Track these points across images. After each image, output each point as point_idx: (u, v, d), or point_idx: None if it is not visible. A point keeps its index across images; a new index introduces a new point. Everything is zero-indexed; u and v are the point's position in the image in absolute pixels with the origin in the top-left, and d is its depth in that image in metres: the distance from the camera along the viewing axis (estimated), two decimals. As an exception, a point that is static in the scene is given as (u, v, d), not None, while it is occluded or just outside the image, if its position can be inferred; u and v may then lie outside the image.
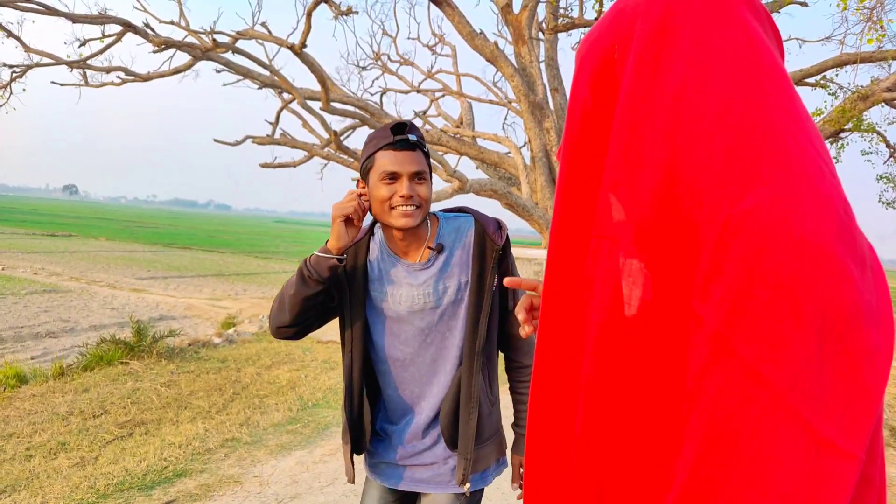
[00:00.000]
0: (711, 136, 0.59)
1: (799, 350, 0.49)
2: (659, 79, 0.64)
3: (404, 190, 1.31)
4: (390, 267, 1.43)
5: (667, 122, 0.63)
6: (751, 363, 0.50)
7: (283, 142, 9.73)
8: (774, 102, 0.58)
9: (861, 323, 0.49)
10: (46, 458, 3.39)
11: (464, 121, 9.84)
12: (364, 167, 1.39)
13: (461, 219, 1.49)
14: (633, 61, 0.67)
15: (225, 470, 3.39)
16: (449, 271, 1.42)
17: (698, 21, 0.63)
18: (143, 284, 12.58)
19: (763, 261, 0.51)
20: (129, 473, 3.24)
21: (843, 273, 0.49)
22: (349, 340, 1.44)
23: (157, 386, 4.91)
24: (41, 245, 20.55)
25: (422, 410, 1.46)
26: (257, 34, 8.26)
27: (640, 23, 0.67)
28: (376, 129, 1.39)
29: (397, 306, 1.41)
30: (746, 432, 0.50)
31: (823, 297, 0.49)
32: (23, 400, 4.42)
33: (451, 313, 1.43)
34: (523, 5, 6.36)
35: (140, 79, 9.01)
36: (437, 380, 1.45)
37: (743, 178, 0.56)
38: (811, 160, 0.56)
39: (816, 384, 0.48)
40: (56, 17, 7.35)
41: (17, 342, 6.61)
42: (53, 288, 10.86)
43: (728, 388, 0.51)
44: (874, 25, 5.97)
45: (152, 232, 38.01)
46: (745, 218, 0.54)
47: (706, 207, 0.58)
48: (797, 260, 0.50)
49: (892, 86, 6.16)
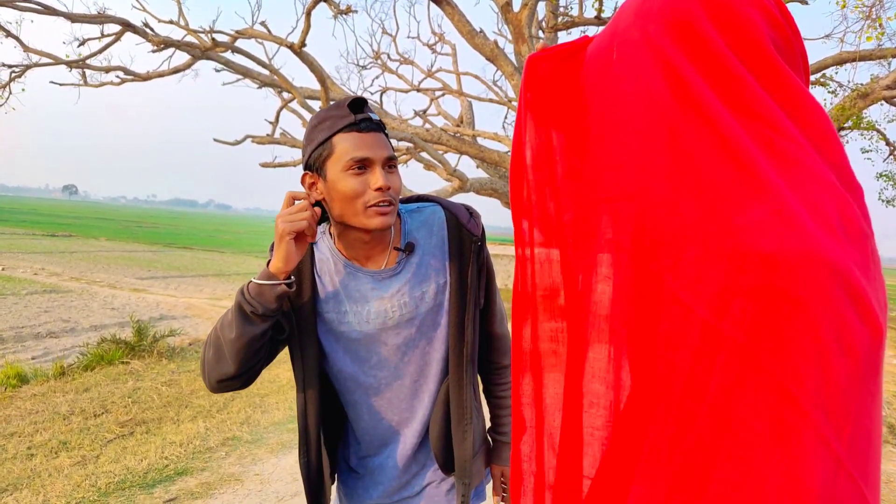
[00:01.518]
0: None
1: (824, 370, 0.52)
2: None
3: (380, 180, 1.05)
4: (350, 280, 1.16)
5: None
6: (780, 380, 0.53)
7: (283, 141, 9.72)
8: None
9: (880, 346, 0.54)
10: (48, 457, 3.40)
11: (464, 120, 9.83)
12: (316, 156, 1.08)
13: (427, 210, 1.24)
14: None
15: (226, 468, 3.39)
16: (424, 274, 1.18)
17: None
18: (143, 284, 12.59)
19: (781, 279, 0.54)
20: (131, 472, 3.25)
21: (863, 298, 0.53)
22: (300, 378, 1.17)
23: (157, 385, 4.92)
24: (41, 245, 20.56)
25: (405, 438, 1.24)
26: (257, 33, 8.25)
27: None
28: (324, 109, 1.11)
29: (364, 326, 1.16)
30: (778, 450, 0.53)
31: (845, 319, 0.53)
32: (24, 399, 4.43)
33: (431, 322, 1.20)
34: (523, 4, 6.36)
35: (139, 78, 9.00)
36: (419, 402, 1.23)
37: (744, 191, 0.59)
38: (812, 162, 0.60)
39: (834, 405, 0.52)
40: (55, 17, 7.34)
41: (18, 342, 6.62)
42: (54, 288, 10.86)
43: (760, 404, 0.55)
44: (873, 23, 5.97)
45: (152, 232, 38.02)
46: (754, 231, 0.57)
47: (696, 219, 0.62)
48: (816, 279, 0.53)
49: (891, 84, 6.16)
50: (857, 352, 0.52)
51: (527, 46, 6.23)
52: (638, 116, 0.69)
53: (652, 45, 0.67)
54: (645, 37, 0.68)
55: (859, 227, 0.58)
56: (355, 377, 1.20)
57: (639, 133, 0.68)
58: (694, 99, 0.63)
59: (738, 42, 0.63)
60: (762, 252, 0.55)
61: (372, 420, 1.24)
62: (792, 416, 0.52)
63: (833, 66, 6.38)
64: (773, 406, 0.53)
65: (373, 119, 1.09)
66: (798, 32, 0.65)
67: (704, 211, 0.61)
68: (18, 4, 7.09)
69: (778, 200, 0.56)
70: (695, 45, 0.64)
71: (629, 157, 0.70)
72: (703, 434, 0.59)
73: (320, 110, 1.13)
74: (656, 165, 0.66)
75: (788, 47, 0.64)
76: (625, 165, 0.70)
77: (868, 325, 0.53)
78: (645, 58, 0.68)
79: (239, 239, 39.69)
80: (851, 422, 0.52)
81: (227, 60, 8.53)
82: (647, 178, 0.67)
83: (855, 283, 0.53)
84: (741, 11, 0.63)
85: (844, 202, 0.58)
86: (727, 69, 0.62)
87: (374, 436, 1.25)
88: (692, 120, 0.63)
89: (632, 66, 0.70)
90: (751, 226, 0.57)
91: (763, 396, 0.54)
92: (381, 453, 1.26)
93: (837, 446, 0.51)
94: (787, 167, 0.58)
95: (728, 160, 0.59)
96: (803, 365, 0.52)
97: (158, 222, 58.18)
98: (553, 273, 0.91)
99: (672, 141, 0.64)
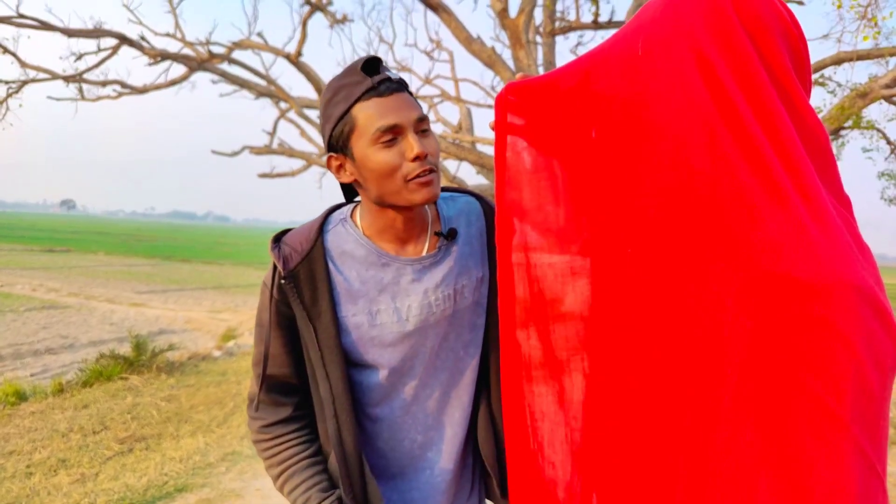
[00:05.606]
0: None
1: (860, 384, 0.57)
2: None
3: (416, 147, 0.90)
4: (385, 272, 1.00)
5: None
6: (823, 398, 0.58)
7: (281, 151, 9.71)
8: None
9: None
10: (47, 476, 3.35)
11: (463, 126, 9.83)
12: (337, 135, 0.94)
13: (462, 199, 1.13)
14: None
15: (226, 484, 3.33)
16: (464, 265, 1.04)
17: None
18: (142, 298, 12.53)
19: (819, 305, 0.59)
20: (130, 489, 3.19)
21: (886, 312, 0.59)
22: (329, 402, 0.97)
23: (156, 400, 4.86)
24: (39, 261, 20.52)
25: (430, 464, 1.05)
26: (253, 44, 8.27)
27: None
28: (335, 78, 0.96)
29: (404, 325, 0.99)
30: (822, 462, 0.58)
31: (875, 335, 0.58)
32: (22, 417, 4.38)
33: (468, 322, 1.05)
34: (520, 9, 6.37)
35: (136, 91, 9.00)
36: (448, 417, 1.06)
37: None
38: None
39: (869, 415, 0.58)
40: (52, 32, 7.35)
41: (17, 359, 6.55)
42: (52, 304, 10.81)
43: (805, 421, 0.59)
44: (869, 23, 5.98)
45: (151, 245, 37.99)
46: (779, 250, 0.61)
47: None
48: (847, 302, 0.58)
49: (890, 83, 6.15)
50: (886, 363, 0.59)
51: (524, 52, 6.23)
52: (675, 116, 0.68)
53: (687, 41, 0.68)
54: (679, 34, 0.68)
55: (863, 241, 0.64)
56: (381, 387, 1.02)
57: (677, 134, 0.68)
58: (731, 104, 0.65)
59: (765, 51, 0.66)
60: (793, 276, 0.60)
61: (391, 440, 1.05)
62: (833, 430, 0.57)
63: (831, 65, 6.38)
64: (817, 422, 0.58)
65: (393, 78, 0.93)
66: (806, 42, 0.70)
67: (738, 220, 0.64)
68: (15, 21, 7.10)
69: (797, 218, 0.61)
70: (729, 48, 0.66)
71: (667, 156, 0.69)
72: (751, 445, 0.62)
73: (332, 79, 0.97)
74: (696, 168, 0.67)
75: (799, 58, 0.69)
76: (664, 164, 0.70)
77: (891, 335, 0.59)
78: (680, 54, 0.68)
79: (238, 250, 39.67)
80: (879, 427, 0.59)
81: (224, 72, 8.54)
82: (687, 179, 0.68)
83: (877, 299, 0.59)
84: (768, 24, 0.66)
85: (849, 215, 0.65)
86: (756, 78, 0.65)
87: (390, 460, 1.05)
88: (730, 127, 0.65)
89: (664, 63, 0.69)
90: (774, 244, 0.61)
91: (807, 414, 0.59)
92: (398, 486, 1.07)
93: (871, 452, 0.58)
94: (799, 183, 0.62)
95: (758, 172, 0.63)
96: (843, 383, 0.57)
97: (157, 235, 58.18)
98: (563, 279, 0.90)
99: (711, 145, 0.66)
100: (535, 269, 0.92)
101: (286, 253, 0.97)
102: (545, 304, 0.91)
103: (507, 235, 0.93)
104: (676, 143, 0.68)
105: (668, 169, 0.69)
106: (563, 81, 0.84)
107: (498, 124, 0.93)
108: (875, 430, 0.58)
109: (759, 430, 0.61)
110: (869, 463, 0.57)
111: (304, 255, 0.97)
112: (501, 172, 0.94)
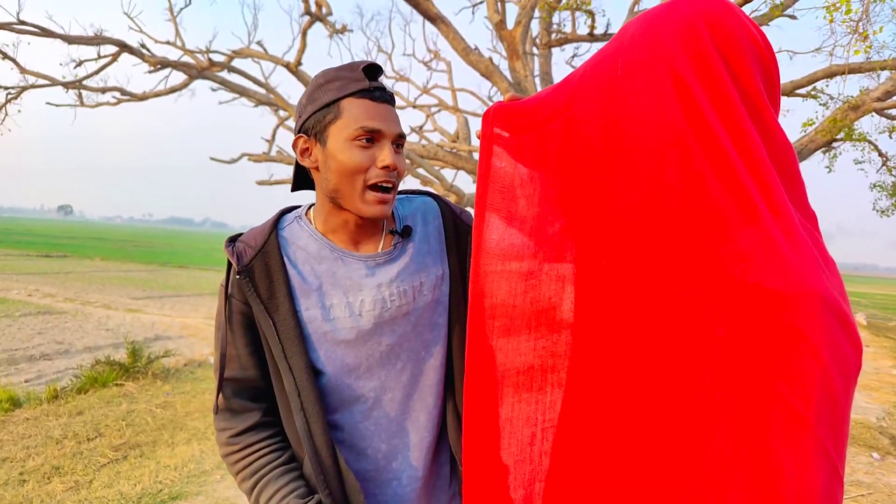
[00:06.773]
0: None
1: (825, 389, 0.60)
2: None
3: (389, 158, 0.92)
4: (338, 267, 0.99)
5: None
6: (791, 402, 0.61)
7: (280, 159, 9.75)
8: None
9: (861, 360, 0.64)
10: (40, 483, 3.33)
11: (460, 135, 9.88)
12: (317, 119, 0.95)
13: (419, 199, 1.13)
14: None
15: (221, 492, 3.32)
16: (421, 262, 1.04)
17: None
18: (138, 304, 12.49)
19: (787, 313, 0.61)
20: (124, 497, 3.18)
21: (848, 320, 0.62)
22: (294, 393, 0.94)
23: (152, 407, 4.85)
24: (36, 266, 20.43)
25: (396, 474, 1.01)
26: (253, 53, 8.33)
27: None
28: (332, 68, 0.98)
29: (357, 320, 0.97)
30: (789, 463, 0.60)
31: (839, 343, 0.61)
32: (16, 424, 4.35)
33: (428, 321, 1.03)
34: (517, 21, 6.44)
35: (136, 98, 9.05)
36: (413, 423, 1.01)
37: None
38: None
39: (833, 418, 0.61)
40: (52, 39, 7.40)
41: (11, 365, 6.52)
42: (48, 309, 10.76)
43: (773, 423, 0.62)
44: (860, 37, 6.06)
45: (148, 251, 37.87)
46: (751, 262, 0.64)
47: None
48: (814, 311, 0.61)
49: (881, 96, 6.23)
50: (849, 370, 0.62)
51: (521, 63, 6.30)
52: (652, 134, 0.71)
53: (665, 63, 0.71)
54: (658, 56, 0.71)
55: (829, 254, 0.67)
56: (338, 391, 0.98)
57: (652, 151, 0.71)
58: (705, 124, 0.67)
59: (738, 73, 0.69)
60: (763, 286, 0.63)
61: (354, 449, 1.00)
62: (800, 432, 0.60)
63: (823, 78, 6.47)
64: (785, 424, 0.61)
65: (387, 90, 0.97)
66: (777, 65, 0.73)
67: (710, 234, 0.67)
68: (16, 27, 7.14)
69: (767, 232, 0.64)
70: (705, 70, 0.69)
71: (643, 172, 0.71)
72: (723, 447, 0.65)
73: (328, 68, 0.99)
74: (669, 183, 0.70)
75: (771, 80, 0.72)
76: (639, 179, 0.72)
77: (853, 345, 0.62)
78: (658, 75, 0.71)
79: (235, 257, 39.44)
80: (842, 431, 0.62)
81: (224, 80, 8.59)
82: (660, 194, 0.71)
83: (841, 309, 0.62)
84: (742, 47, 0.69)
85: (814, 229, 0.68)
86: (729, 98, 0.68)
87: (354, 472, 0.98)
88: (703, 145, 0.67)
89: (643, 83, 0.72)
90: (745, 256, 0.64)
91: (776, 416, 0.62)
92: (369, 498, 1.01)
93: (834, 454, 0.60)
94: (769, 199, 0.65)
95: (730, 188, 0.66)
96: (809, 386, 0.60)
97: (154, 241, 57.99)
98: (548, 287, 0.92)
99: (684, 162, 0.69)
100: (508, 277, 0.93)
101: (240, 249, 0.97)
102: (519, 313, 0.92)
103: (481, 243, 0.94)
104: (652, 161, 0.71)
105: (644, 184, 0.71)
106: (549, 103, 0.87)
107: (484, 135, 0.97)
108: (838, 432, 0.61)
109: (732, 433, 0.64)
110: (832, 464, 0.60)
111: (258, 249, 0.97)
112: (483, 182, 0.96)
